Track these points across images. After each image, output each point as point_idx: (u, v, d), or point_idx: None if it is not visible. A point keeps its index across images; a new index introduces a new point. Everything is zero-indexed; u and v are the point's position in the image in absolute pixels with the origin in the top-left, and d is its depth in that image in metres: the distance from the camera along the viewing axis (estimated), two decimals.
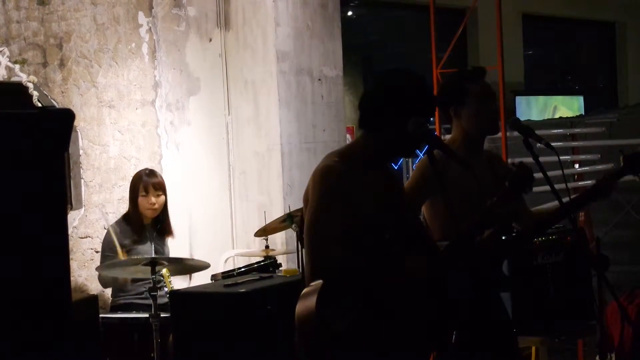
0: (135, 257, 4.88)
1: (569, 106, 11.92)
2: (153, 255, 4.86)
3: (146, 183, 5.16)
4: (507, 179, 3.23)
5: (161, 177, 5.29)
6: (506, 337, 3.64)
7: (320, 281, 2.82)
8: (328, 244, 2.84)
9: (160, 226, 5.28)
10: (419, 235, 3.04)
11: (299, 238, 3.09)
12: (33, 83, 5.05)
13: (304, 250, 2.95)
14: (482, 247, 3.18)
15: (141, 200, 5.16)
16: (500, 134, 6.13)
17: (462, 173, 3.12)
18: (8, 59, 5.26)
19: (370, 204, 2.92)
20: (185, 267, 4.89)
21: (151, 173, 5.26)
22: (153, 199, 5.16)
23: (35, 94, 4.89)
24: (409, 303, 2.89)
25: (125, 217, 5.26)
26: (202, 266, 4.92)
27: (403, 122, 2.90)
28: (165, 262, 4.74)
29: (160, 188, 5.21)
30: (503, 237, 3.41)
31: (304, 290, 2.88)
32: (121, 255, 5.01)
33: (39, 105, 3.72)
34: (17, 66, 5.19)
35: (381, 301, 2.85)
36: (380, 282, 2.87)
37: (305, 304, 2.83)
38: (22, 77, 5.11)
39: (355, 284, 2.85)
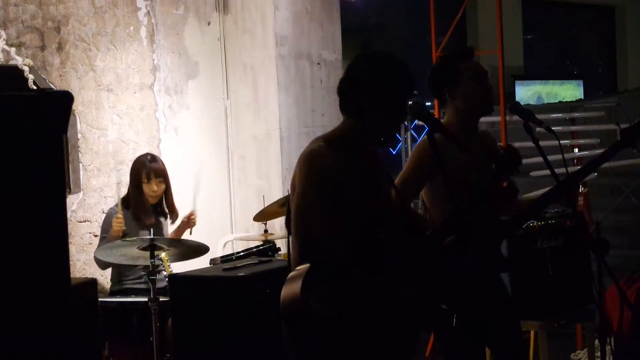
0: (133, 238, 4.86)
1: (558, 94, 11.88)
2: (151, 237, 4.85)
3: (148, 169, 5.15)
4: (495, 162, 3.24)
5: (162, 163, 5.27)
6: (508, 316, 3.64)
7: (306, 265, 2.81)
8: (317, 229, 2.83)
9: (160, 210, 5.28)
10: (403, 221, 3.04)
11: (287, 224, 3.05)
12: (29, 66, 5.03)
13: (291, 235, 2.93)
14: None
15: (144, 186, 5.16)
16: (500, 118, 6.12)
17: (461, 155, 3.13)
18: (5, 42, 5.23)
19: (356, 187, 2.91)
20: (184, 249, 4.88)
21: (153, 159, 5.23)
22: (155, 186, 5.16)
23: (30, 77, 4.87)
24: (395, 294, 2.88)
25: (125, 201, 5.24)
26: (201, 248, 4.90)
27: (381, 106, 2.89)
28: (164, 245, 4.73)
29: (162, 174, 5.20)
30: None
31: (290, 275, 2.87)
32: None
33: (34, 88, 3.70)
34: (12, 49, 5.16)
35: (368, 289, 2.84)
36: (366, 273, 2.86)
37: (291, 288, 2.82)
38: (18, 61, 5.09)
39: (343, 271, 2.83)
